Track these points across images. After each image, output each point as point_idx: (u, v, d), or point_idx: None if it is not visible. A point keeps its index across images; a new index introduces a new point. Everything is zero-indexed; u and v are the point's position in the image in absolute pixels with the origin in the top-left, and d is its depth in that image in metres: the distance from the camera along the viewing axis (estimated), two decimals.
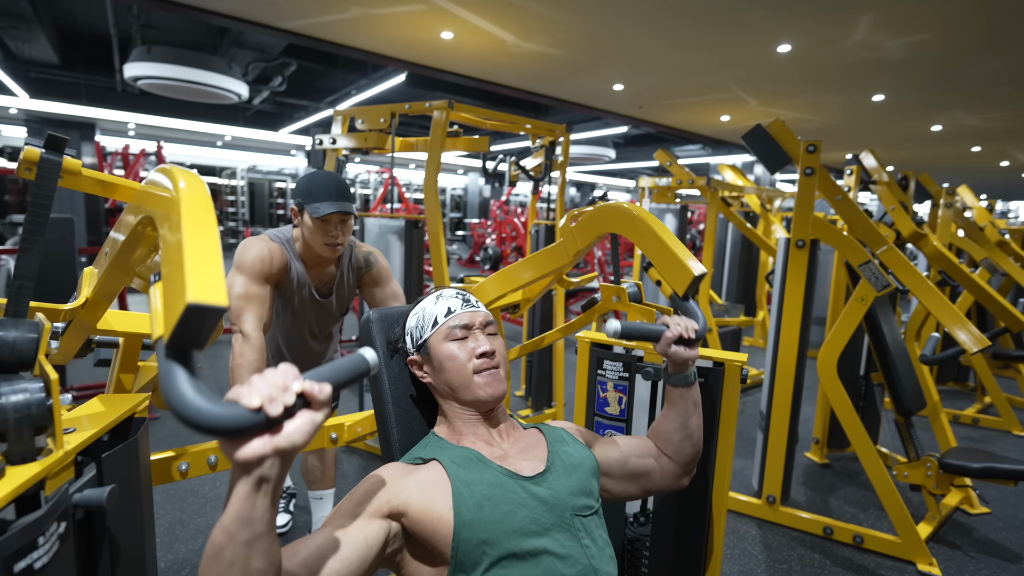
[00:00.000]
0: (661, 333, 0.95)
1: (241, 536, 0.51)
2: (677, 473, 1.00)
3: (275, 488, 0.53)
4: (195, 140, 11.83)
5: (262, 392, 0.49)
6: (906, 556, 2.08)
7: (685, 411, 0.98)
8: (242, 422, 0.48)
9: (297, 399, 0.52)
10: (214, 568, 0.51)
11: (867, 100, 5.50)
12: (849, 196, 2.32)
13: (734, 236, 5.21)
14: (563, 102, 6.24)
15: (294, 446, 0.51)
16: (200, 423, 0.46)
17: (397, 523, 0.75)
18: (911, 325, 2.94)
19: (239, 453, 0.49)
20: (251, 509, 0.51)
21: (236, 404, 0.48)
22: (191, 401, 0.46)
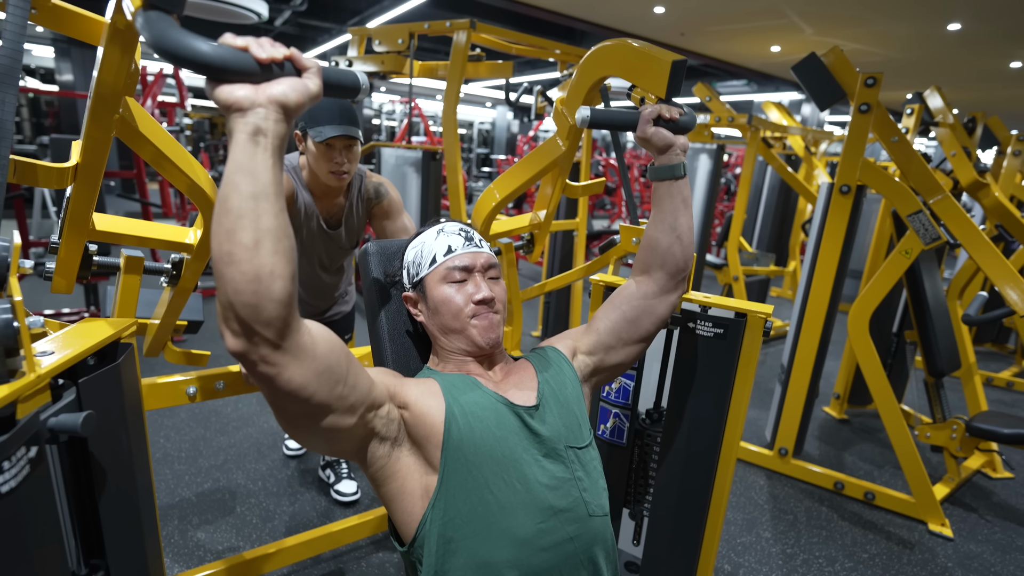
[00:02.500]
0: (637, 117, 0.86)
1: (245, 187, 0.50)
2: (666, 287, 0.92)
3: (275, 145, 0.52)
4: None
5: (248, 39, 0.51)
6: (918, 515, 2.05)
7: (673, 208, 0.90)
8: (227, 57, 0.48)
9: (286, 61, 0.53)
10: (224, 222, 0.51)
11: (940, 29, 4.92)
12: (906, 138, 2.10)
13: (772, 181, 4.92)
14: (598, 27, 5.80)
15: (287, 99, 0.52)
16: (187, 54, 0.45)
17: (397, 411, 0.74)
18: (955, 282, 2.75)
19: (228, 94, 0.50)
20: (251, 160, 0.50)
21: (224, 46, 0.49)
22: (175, 34, 0.46)
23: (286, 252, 0.53)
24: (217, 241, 0.51)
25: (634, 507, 1.27)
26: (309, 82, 0.54)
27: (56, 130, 10.18)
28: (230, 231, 0.50)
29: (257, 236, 0.51)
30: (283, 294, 0.52)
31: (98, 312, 3.39)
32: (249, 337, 0.53)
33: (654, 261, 0.92)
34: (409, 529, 0.74)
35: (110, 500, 0.75)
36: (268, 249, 0.51)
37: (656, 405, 1.25)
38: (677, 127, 0.86)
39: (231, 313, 0.52)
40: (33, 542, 0.58)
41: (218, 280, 0.52)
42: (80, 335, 0.76)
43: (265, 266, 0.51)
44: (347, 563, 1.68)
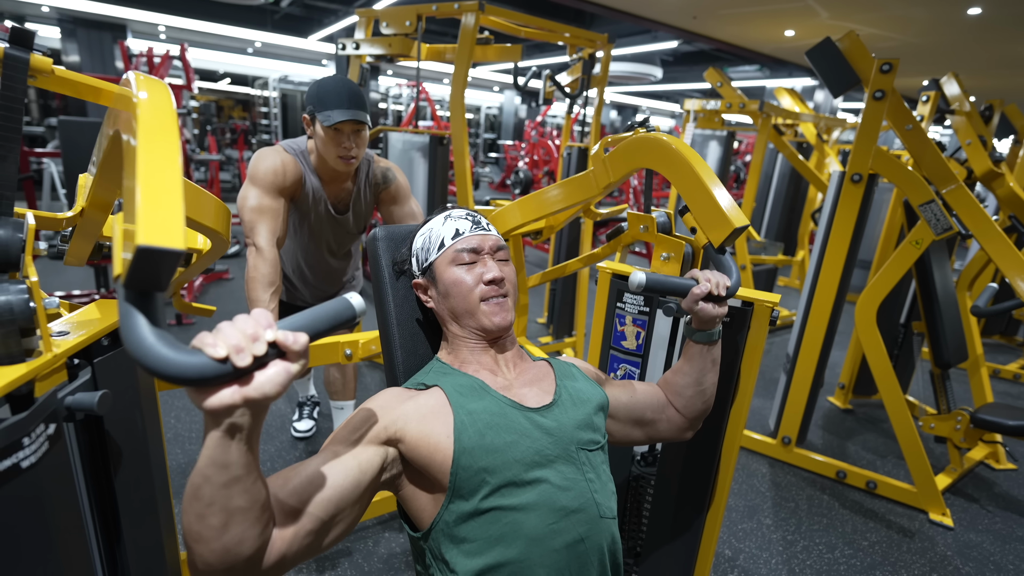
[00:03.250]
0: (689, 288, 0.88)
1: (218, 479, 0.50)
2: (683, 426, 0.97)
3: (250, 434, 0.51)
4: (226, 46, 11.52)
5: (229, 341, 0.46)
6: (919, 505, 2.06)
7: (702, 368, 0.93)
8: (206, 373, 0.44)
9: (270, 348, 0.48)
10: (194, 507, 0.51)
11: (960, 14, 4.80)
12: (921, 126, 2.06)
13: (782, 169, 4.86)
14: (609, 10, 5.70)
15: (265, 397, 0.48)
16: (161, 373, 0.42)
17: (394, 449, 0.74)
18: (966, 273, 2.73)
19: (206, 403, 0.47)
20: (225, 455, 0.50)
21: (200, 353, 0.45)
22: (151, 349, 0.42)
23: (256, 518, 0.54)
24: (187, 520, 0.52)
25: (636, 493, 1.28)
26: (292, 366, 0.50)
27: (64, 111, 10.18)
28: (200, 515, 0.51)
29: (226, 518, 0.51)
30: (252, 551, 0.54)
31: (109, 293, 3.43)
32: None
33: (677, 403, 0.96)
34: (422, 523, 0.75)
35: (126, 477, 0.77)
36: (237, 524, 0.52)
37: None
38: (722, 301, 0.88)
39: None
40: (53, 516, 0.60)
41: (188, 551, 0.53)
42: (94, 316, 0.78)
43: (233, 539, 0.52)
44: (355, 543, 1.71)
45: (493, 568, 0.70)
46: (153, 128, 0.47)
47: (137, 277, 0.42)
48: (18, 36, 0.69)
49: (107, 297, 3.41)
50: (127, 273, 0.42)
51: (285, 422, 2.37)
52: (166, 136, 0.47)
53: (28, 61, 0.70)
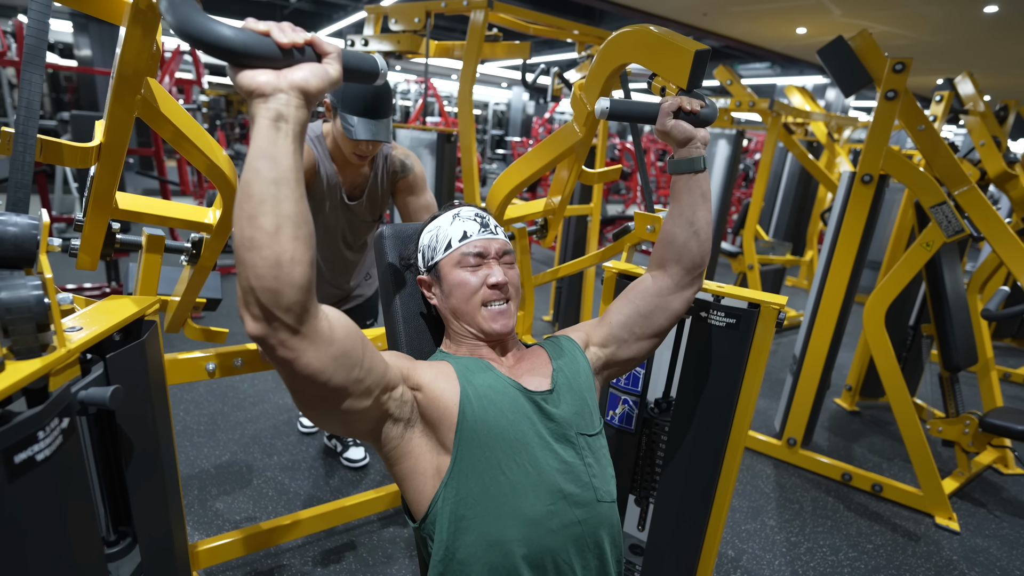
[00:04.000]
0: (657, 109, 0.85)
1: (267, 173, 0.51)
2: (681, 282, 0.91)
3: (295, 131, 0.53)
4: None
5: (270, 23, 0.52)
6: (925, 508, 2.05)
7: (692, 203, 0.88)
8: (250, 41, 0.49)
9: (307, 46, 0.54)
10: (246, 207, 0.52)
11: (976, 12, 4.73)
12: (934, 127, 2.04)
13: (792, 168, 4.82)
14: (618, 6, 5.67)
15: (308, 85, 0.52)
16: (208, 38, 0.46)
17: (411, 393, 0.75)
18: (977, 276, 2.70)
19: (250, 79, 0.50)
20: (272, 145, 0.51)
21: (245, 29, 0.50)
22: (198, 19, 0.45)
23: (306, 238, 0.54)
24: (239, 226, 0.52)
25: (640, 492, 1.28)
26: (329, 68, 0.55)
27: (75, 106, 10.29)
28: (251, 216, 0.51)
29: (278, 222, 0.51)
30: (303, 280, 0.53)
31: (119, 288, 3.46)
32: (269, 322, 0.54)
33: (670, 256, 0.91)
34: (421, 506, 0.76)
35: (137, 470, 0.79)
36: (288, 235, 0.52)
37: (665, 394, 1.26)
38: (698, 120, 0.85)
39: (252, 298, 0.53)
40: (66, 508, 0.61)
41: (239, 264, 0.53)
42: (106, 312, 0.79)
43: (286, 252, 0.52)
44: (359, 536, 1.73)
45: (489, 545, 0.71)
46: None
47: None
48: None
49: (118, 291, 3.45)
50: None
51: (292, 417, 2.39)
52: None
53: None
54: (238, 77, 0.51)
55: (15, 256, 0.68)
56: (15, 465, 0.54)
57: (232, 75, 0.51)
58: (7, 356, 0.63)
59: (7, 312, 0.62)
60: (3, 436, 0.53)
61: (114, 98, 0.80)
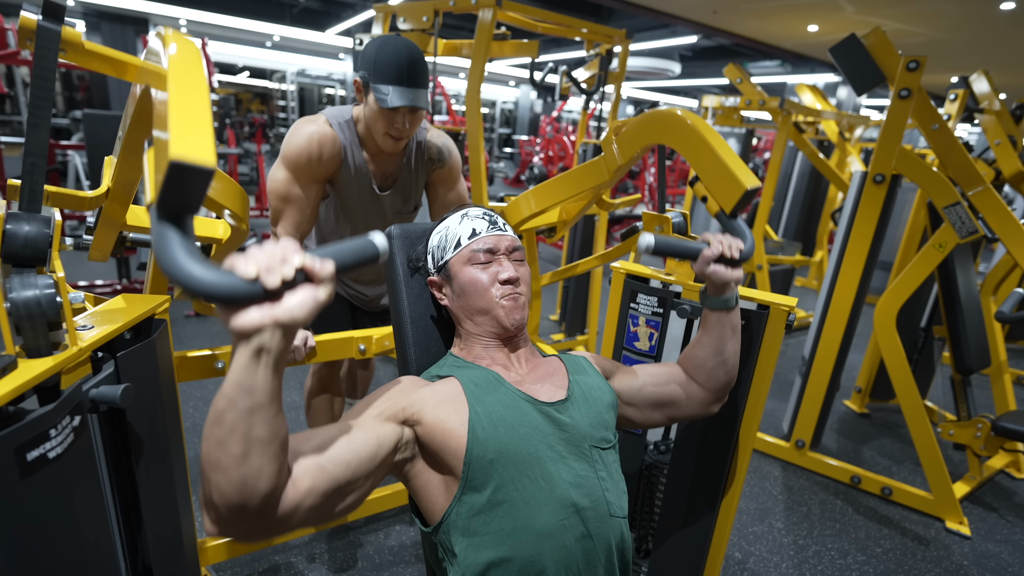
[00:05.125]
0: (699, 251, 0.86)
1: (242, 404, 0.51)
2: (707, 400, 0.94)
3: (276, 360, 0.52)
4: (245, 40, 11.63)
5: (259, 262, 0.48)
6: (936, 513, 2.02)
7: (722, 336, 0.90)
8: (237, 291, 0.47)
9: (298, 273, 0.50)
10: (216, 432, 0.51)
11: (992, 9, 4.66)
12: (948, 126, 2.01)
13: (802, 167, 4.78)
14: (628, 4, 5.63)
15: (294, 319, 0.50)
16: (194, 289, 0.44)
17: (411, 431, 0.75)
18: (991, 277, 2.66)
19: (235, 321, 0.48)
20: (251, 378, 0.51)
21: (232, 273, 0.47)
22: (184, 266, 0.44)
23: (276, 453, 0.54)
24: (207, 445, 0.52)
25: (645, 496, 1.28)
26: (320, 292, 0.52)
27: (88, 104, 10.40)
28: (221, 441, 0.51)
29: (247, 446, 0.51)
30: (268, 488, 0.54)
31: (130, 285, 3.50)
32: (231, 526, 0.54)
33: (699, 377, 0.93)
34: (433, 517, 0.76)
35: (146, 467, 0.79)
36: (257, 454, 0.52)
37: None
38: (735, 264, 0.86)
39: (213, 510, 0.53)
40: (77, 505, 0.62)
41: (203, 477, 0.53)
42: (117, 310, 0.79)
43: (252, 471, 0.52)
44: (365, 534, 1.74)
45: (503, 561, 0.71)
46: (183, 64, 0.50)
47: (169, 196, 0.44)
48: (50, 9, 0.72)
49: (129, 288, 3.49)
50: (160, 192, 0.43)
51: (299, 414, 2.40)
52: (195, 71, 0.50)
53: (60, 33, 0.72)
54: (228, 320, 0.49)
55: (28, 255, 0.69)
56: (27, 463, 0.55)
57: (219, 312, 0.50)
58: (19, 354, 0.64)
59: (20, 311, 0.63)
60: (15, 434, 0.54)
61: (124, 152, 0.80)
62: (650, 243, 0.85)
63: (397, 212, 1.54)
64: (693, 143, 0.99)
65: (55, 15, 0.72)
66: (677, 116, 1.04)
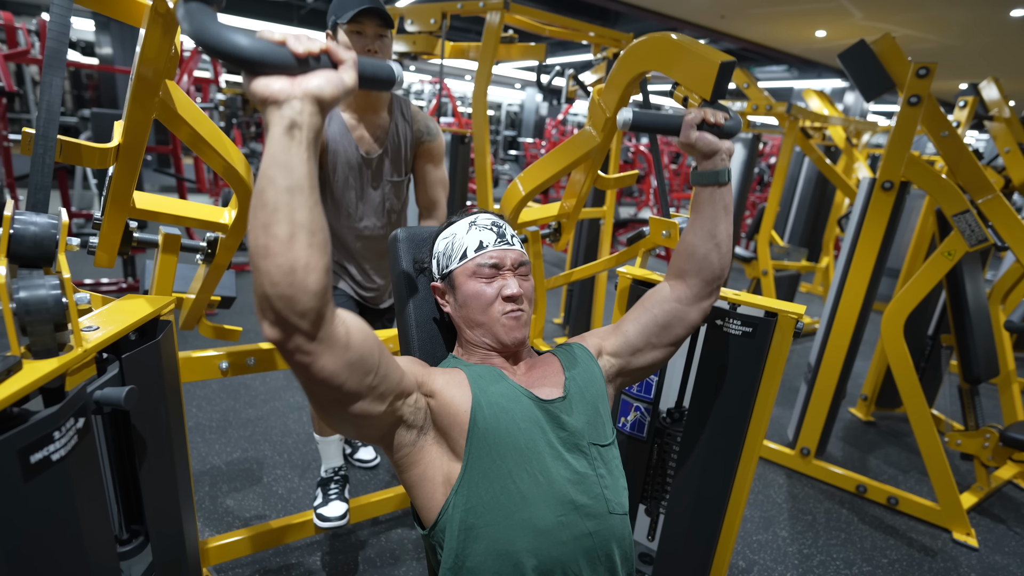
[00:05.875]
0: (680, 120, 0.84)
1: (280, 181, 0.51)
2: (700, 294, 0.91)
3: (309, 139, 0.52)
4: None
5: (286, 32, 0.51)
6: (943, 523, 2.00)
7: (714, 216, 0.88)
8: (265, 51, 0.48)
9: (323, 54, 0.53)
10: (259, 216, 0.52)
11: (1002, 16, 4.64)
12: (957, 133, 2.00)
13: (808, 173, 4.75)
14: (635, 8, 5.63)
15: (322, 93, 0.52)
16: (224, 48, 0.45)
17: (424, 400, 0.75)
18: (999, 286, 2.63)
19: (265, 87, 0.50)
20: (286, 153, 0.51)
21: (261, 39, 0.49)
22: (214, 28, 0.45)
23: (320, 245, 0.54)
24: (253, 235, 0.52)
25: (651, 503, 1.27)
26: (344, 75, 0.54)
27: (96, 103, 10.46)
28: (266, 225, 0.51)
29: (292, 230, 0.51)
30: (318, 286, 0.53)
31: (136, 284, 3.51)
32: (284, 328, 0.54)
33: (690, 267, 0.90)
34: (431, 513, 0.75)
35: (150, 469, 0.79)
36: (303, 242, 0.52)
37: (678, 403, 1.24)
38: (722, 132, 0.84)
39: (267, 304, 0.53)
40: (81, 508, 0.62)
41: (255, 272, 0.53)
42: (122, 311, 0.79)
43: (300, 259, 0.52)
44: (367, 537, 1.73)
45: (500, 556, 0.71)
46: None
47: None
48: None
49: (134, 288, 3.50)
50: None
51: (303, 415, 2.40)
52: None
53: None
54: (253, 85, 0.51)
55: (35, 255, 0.69)
56: (31, 465, 0.55)
57: (246, 83, 0.51)
58: (25, 355, 0.64)
59: (26, 312, 0.63)
60: (20, 436, 0.54)
61: (133, 100, 0.81)
62: (628, 118, 0.83)
63: (389, 180, 1.55)
64: (658, 48, 0.97)
65: None
66: (641, 40, 1.03)
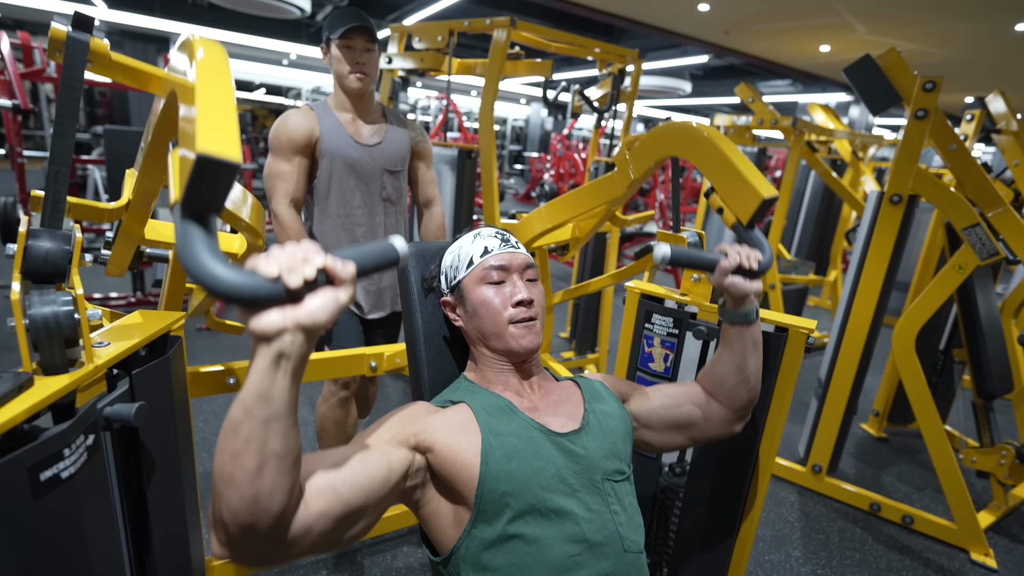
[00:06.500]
0: (716, 262, 0.84)
1: (259, 413, 0.49)
2: (728, 419, 0.91)
3: (296, 367, 0.50)
4: (262, 58, 11.91)
5: (281, 262, 0.47)
6: (959, 543, 1.95)
7: (743, 352, 0.88)
8: (259, 291, 0.46)
9: (319, 275, 0.49)
10: (231, 443, 0.50)
11: (1007, 30, 4.64)
12: (965, 146, 1.99)
13: (814, 186, 4.75)
14: (639, 24, 5.69)
15: (315, 323, 0.48)
16: (216, 289, 0.44)
17: (422, 457, 0.73)
18: (1011, 300, 2.60)
19: (256, 323, 0.47)
20: (269, 386, 0.49)
21: (254, 273, 0.46)
22: (207, 266, 0.43)
23: (289, 469, 0.52)
24: (219, 460, 0.50)
25: (660, 525, 1.25)
26: (341, 294, 0.50)
27: (108, 120, 10.66)
28: (235, 454, 0.49)
29: (262, 460, 0.50)
30: (281, 507, 0.52)
31: (145, 298, 3.53)
32: (239, 547, 0.52)
33: (719, 395, 0.91)
34: (443, 547, 0.74)
35: (157, 486, 0.79)
36: (271, 471, 0.50)
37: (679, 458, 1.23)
38: (754, 275, 0.84)
39: (222, 529, 0.51)
40: (88, 526, 0.61)
41: (213, 493, 0.51)
42: (133, 326, 0.80)
43: (265, 487, 0.50)
44: (373, 555, 1.71)
45: None
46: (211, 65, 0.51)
47: (194, 192, 0.43)
48: (80, 21, 0.73)
49: (144, 302, 3.53)
50: (186, 187, 0.43)
51: (307, 430, 2.39)
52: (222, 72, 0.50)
53: (88, 44, 0.73)
54: (248, 322, 0.48)
55: (48, 272, 0.69)
56: (40, 483, 0.54)
57: (240, 316, 0.49)
58: (36, 371, 0.64)
59: (39, 328, 0.63)
60: (30, 454, 0.54)
61: (146, 163, 0.81)
62: (666, 254, 0.83)
63: (387, 169, 1.66)
64: (708, 154, 0.97)
65: (84, 27, 0.74)
66: (691, 127, 1.04)
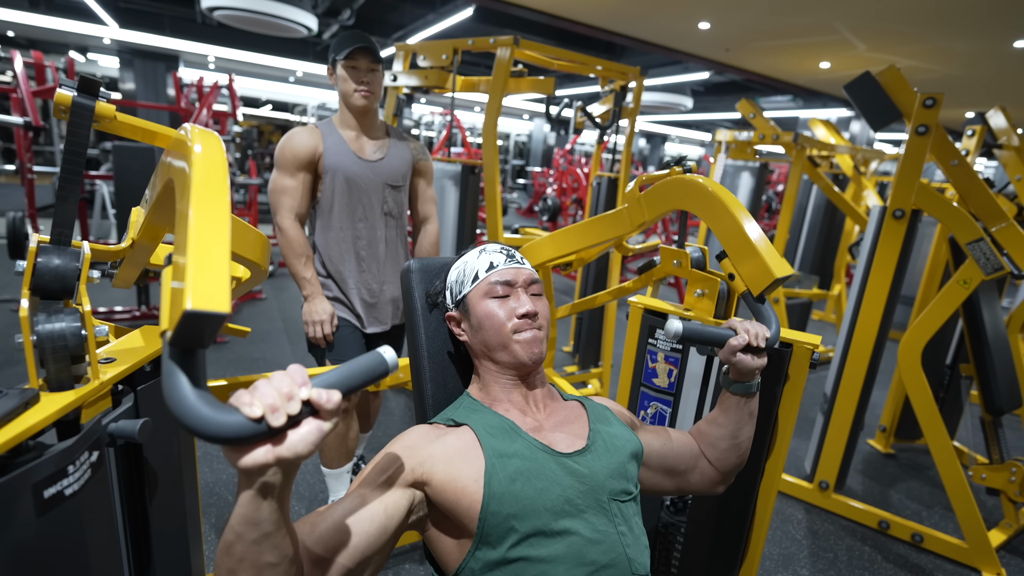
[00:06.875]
0: (726, 339, 0.86)
1: (249, 536, 0.52)
2: (715, 480, 0.94)
3: (281, 493, 0.53)
4: (269, 75, 12.11)
5: (265, 401, 0.47)
6: (970, 562, 1.92)
7: (739, 420, 0.90)
8: (242, 432, 0.46)
9: (304, 407, 0.50)
10: (227, 562, 0.53)
11: (1006, 47, 4.68)
12: (967, 161, 2.00)
13: (817, 200, 4.76)
14: (641, 42, 5.77)
15: (297, 456, 0.49)
16: (200, 431, 0.44)
17: (421, 492, 0.73)
18: (1017, 314, 2.59)
19: (240, 461, 0.48)
20: (256, 512, 0.51)
21: (237, 412, 0.46)
22: (191, 408, 0.44)
23: (286, 570, 0.55)
24: (219, 574, 0.54)
25: (666, 539, 1.23)
26: (325, 424, 0.51)
27: (116, 136, 10.80)
28: (231, 571, 0.53)
29: (256, 573, 0.53)
30: None
31: (150, 311, 3.55)
32: None
33: (709, 454, 0.93)
34: (448, 567, 0.74)
35: (160, 503, 0.78)
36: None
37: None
38: (760, 352, 0.87)
39: None
40: (91, 542, 0.61)
41: None
42: (138, 342, 0.80)
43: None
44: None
45: None
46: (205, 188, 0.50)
47: (183, 337, 0.45)
48: (86, 85, 0.74)
49: (148, 315, 3.54)
50: (174, 333, 0.44)
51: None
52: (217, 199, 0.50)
53: (94, 109, 0.74)
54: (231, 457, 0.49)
55: (56, 288, 0.70)
56: (44, 500, 0.54)
57: (225, 452, 0.49)
58: (42, 388, 0.65)
59: (46, 344, 0.64)
60: (34, 471, 0.54)
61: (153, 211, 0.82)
62: (678, 330, 0.85)
63: (388, 184, 1.70)
64: (725, 223, 0.99)
65: (90, 91, 0.75)
66: (706, 189, 1.04)
